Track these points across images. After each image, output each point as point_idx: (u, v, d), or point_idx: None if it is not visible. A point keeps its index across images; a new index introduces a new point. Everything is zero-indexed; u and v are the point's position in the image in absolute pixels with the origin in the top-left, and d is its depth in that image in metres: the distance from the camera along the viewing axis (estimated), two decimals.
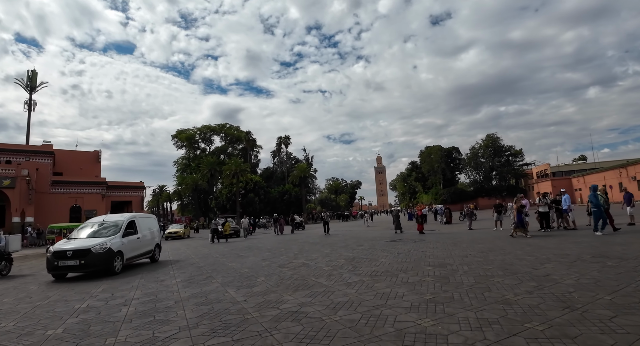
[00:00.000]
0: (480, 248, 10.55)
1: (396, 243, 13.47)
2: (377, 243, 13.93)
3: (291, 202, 70.90)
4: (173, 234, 29.85)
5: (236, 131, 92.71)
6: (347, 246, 13.56)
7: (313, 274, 7.73)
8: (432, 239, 14.57)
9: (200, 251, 16.24)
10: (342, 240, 16.74)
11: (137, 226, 11.78)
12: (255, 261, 10.72)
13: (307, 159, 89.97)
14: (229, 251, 14.76)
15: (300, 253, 12.21)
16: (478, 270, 7.06)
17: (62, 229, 23.89)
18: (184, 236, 30.72)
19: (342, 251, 11.66)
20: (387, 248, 11.77)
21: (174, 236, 29.60)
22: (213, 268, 10.12)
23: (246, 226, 25.38)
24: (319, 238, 19.89)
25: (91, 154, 45.02)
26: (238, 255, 12.91)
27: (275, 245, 16.44)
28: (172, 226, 34.72)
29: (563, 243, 10.64)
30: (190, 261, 12.47)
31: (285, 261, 10.16)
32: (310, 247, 14.18)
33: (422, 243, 12.91)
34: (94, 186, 37.75)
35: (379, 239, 15.78)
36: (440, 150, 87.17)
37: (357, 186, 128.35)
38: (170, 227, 33.89)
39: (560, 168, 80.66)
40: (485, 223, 22.48)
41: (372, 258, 9.52)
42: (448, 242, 12.86)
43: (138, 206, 43.51)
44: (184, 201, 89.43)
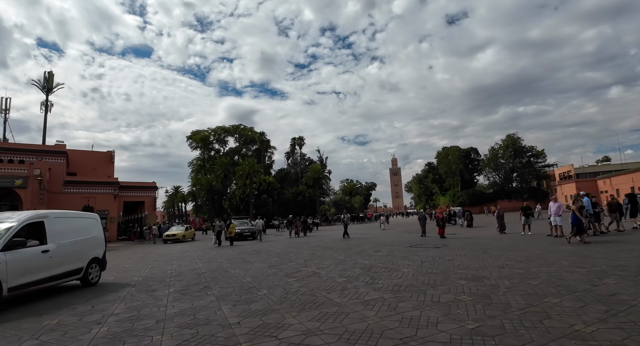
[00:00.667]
0: (515, 256, 9.23)
1: (417, 249, 12.22)
2: (396, 249, 12.71)
3: (305, 203, 69.91)
4: (171, 237, 27.48)
5: (250, 132, 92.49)
6: (363, 251, 12.38)
7: (324, 287, 6.60)
8: (456, 244, 13.25)
9: (206, 254, 15.30)
10: (357, 245, 15.55)
11: (47, 233, 7.59)
12: (261, 269, 9.66)
13: (321, 160, 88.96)
14: (236, 256, 13.76)
15: (312, 259, 11.09)
16: (524, 286, 5.81)
17: None
18: (184, 239, 28.23)
19: (358, 258, 10.49)
20: (408, 255, 10.55)
21: (173, 239, 27.28)
22: (213, 275, 9.10)
23: (260, 228, 23.77)
24: (332, 241, 18.75)
25: (105, 155, 44.94)
26: (244, 260, 11.88)
27: (286, 249, 15.38)
28: (172, 228, 32.44)
29: (610, 250, 9.24)
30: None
31: (294, 269, 9.06)
32: (322, 252, 13.05)
33: (446, 249, 11.63)
34: (106, 186, 37.48)
35: (397, 244, 14.55)
36: (458, 151, 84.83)
37: (372, 187, 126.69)
38: (170, 229, 31.46)
39: (585, 170, 77.34)
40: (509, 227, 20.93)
41: (393, 268, 8.32)
42: (476, 249, 11.54)
43: (151, 207, 43.19)
44: (198, 202, 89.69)
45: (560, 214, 14.32)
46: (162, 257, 15.58)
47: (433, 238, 17.19)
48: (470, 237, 16.98)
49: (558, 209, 14.51)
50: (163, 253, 18.09)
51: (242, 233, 24.23)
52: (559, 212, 14.40)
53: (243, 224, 26.41)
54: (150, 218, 42.58)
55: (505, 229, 18.54)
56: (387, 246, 13.77)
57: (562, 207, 14.55)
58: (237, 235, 23.88)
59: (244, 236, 24.42)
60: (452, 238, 16.58)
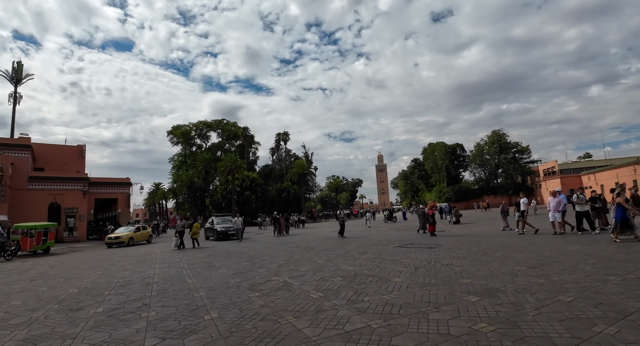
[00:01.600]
0: (524, 259, 7.85)
1: (408, 250, 10.78)
2: (385, 249, 11.25)
3: (290, 200, 68.22)
4: (114, 241, 22.87)
5: (233, 127, 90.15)
6: (347, 253, 10.88)
7: (293, 307, 5.03)
8: (450, 244, 11.88)
9: (171, 258, 13.56)
10: (341, 245, 14.05)
11: None
12: (224, 277, 8.03)
13: (307, 156, 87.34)
14: (203, 259, 12.07)
15: (287, 263, 9.52)
16: (555, 306, 4.37)
17: (29, 229, 21.21)
18: (132, 242, 23.57)
19: (340, 262, 8.96)
20: (399, 258, 9.08)
21: (116, 242, 22.81)
22: (163, 287, 7.43)
23: (240, 226, 20.94)
24: (315, 241, 17.21)
25: (75, 149, 42.30)
26: (209, 266, 10.22)
27: (262, 251, 13.76)
28: (119, 228, 27.08)
29: (630, 250, 7.93)
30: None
31: (262, 279, 7.47)
32: (301, 255, 11.49)
33: (441, 250, 10.22)
34: (75, 182, 35.03)
35: (385, 244, 13.10)
36: (444, 147, 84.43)
37: (358, 184, 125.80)
38: (117, 230, 26.60)
39: (568, 165, 77.78)
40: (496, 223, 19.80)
41: (382, 276, 6.81)
42: (474, 249, 10.16)
43: (124, 204, 40.85)
44: (179, 199, 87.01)
45: (560, 209, 13.19)
46: (122, 261, 13.78)
47: (423, 236, 15.85)
48: (463, 235, 15.69)
49: (558, 205, 13.38)
50: (127, 255, 16.25)
51: (227, 231, 22.16)
52: (558, 207, 13.28)
53: (226, 222, 24.10)
54: (123, 216, 40.28)
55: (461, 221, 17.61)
56: (375, 246, 12.30)
57: (562, 202, 13.40)
58: (222, 234, 21.96)
59: (229, 235, 22.13)
60: (443, 236, 15.26)
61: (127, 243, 23.25)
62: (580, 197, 12.92)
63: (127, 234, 24.10)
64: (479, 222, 25.54)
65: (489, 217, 31.04)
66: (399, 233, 19.69)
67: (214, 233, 22.69)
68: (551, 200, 13.69)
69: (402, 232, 20.14)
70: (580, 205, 12.85)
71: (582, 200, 12.85)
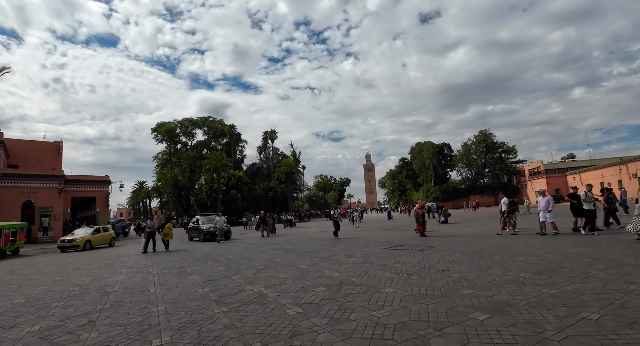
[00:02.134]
0: (526, 264, 7.11)
1: (399, 252, 9.99)
2: (373, 252, 10.43)
3: (276, 199, 67.13)
4: (68, 244, 20.20)
5: (220, 124, 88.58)
6: (333, 256, 10.03)
7: (263, 329, 4.13)
8: (442, 245, 11.15)
9: (141, 262, 12.51)
10: (327, 246, 13.20)
11: None
12: (192, 286, 7.08)
13: (295, 154, 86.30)
14: (176, 264, 11.07)
15: (266, 269, 8.61)
16: (582, 326, 3.58)
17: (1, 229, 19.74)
18: (88, 246, 20.96)
19: (325, 268, 8.10)
20: (389, 262, 8.26)
21: (70, 246, 20.09)
22: (120, 298, 6.46)
23: (222, 227, 19.39)
24: (299, 242, 16.34)
25: (51, 145, 40.45)
26: (180, 271, 9.23)
27: (241, 253, 12.81)
28: (76, 230, 23.91)
29: (638, 254, 7.28)
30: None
31: (234, 288, 6.54)
32: (283, 258, 10.60)
33: (434, 253, 9.45)
34: (50, 180, 33.37)
35: (373, 245, 12.30)
36: (432, 146, 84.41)
37: (346, 183, 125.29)
38: (72, 232, 23.67)
39: (553, 165, 78.60)
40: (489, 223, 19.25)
41: (370, 285, 5.96)
42: (469, 251, 9.42)
43: (103, 203, 39.24)
44: (163, 198, 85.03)
45: (551, 209, 12.63)
46: (90, 264, 12.67)
47: (413, 237, 15.12)
48: (454, 235, 15.02)
49: (548, 204, 12.83)
50: (98, 257, 15.11)
51: (214, 231, 20.41)
52: (548, 207, 12.72)
53: (212, 221, 22.23)
54: (102, 215, 38.68)
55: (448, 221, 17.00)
56: (362, 248, 11.48)
57: (552, 202, 12.85)
58: (208, 235, 20.26)
59: (218, 235, 20.15)
60: (434, 237, 14.57)
61: (82, 246, 20.52)
62: (589, 195, 12.40)
63: (82, 237, 21.27)
64: (467, 222, 25.04)
65: (477, 217, 30.65)
66: (388, 233, 18.97)
67: (200, 234, 20.97)
68: (541, 200, 13.16)
69: (391, 232, 19.42)
70: (588, 203, 12.32)
71: (590, 198, 12.33)
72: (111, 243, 24.12)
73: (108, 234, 24.28)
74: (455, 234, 15.46)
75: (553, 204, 12.94)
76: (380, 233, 18.81)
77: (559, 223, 13.37)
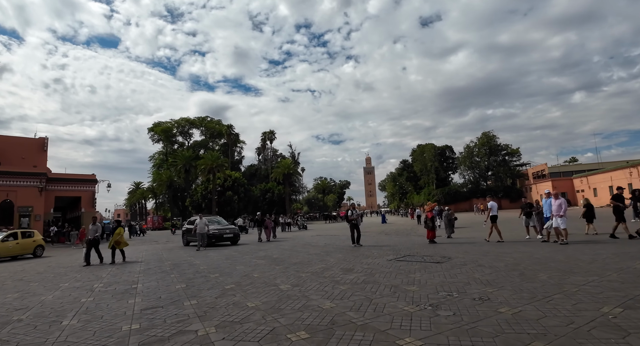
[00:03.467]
0: (589, 286, 5.05)
1: (409, 265, 7.91)
2: (377, 264, 8.36)
3: (274, 201, 65.06)
4: None
5: (217, 124, 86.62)
6: (326, 271, 7.96)
7: None
8: (461, 256, 9.08)
9: (88, 274, 10.44)
10: (321, 256, 11.12)
11: None
12: (121, 317, 4.99)
13: (293, 156, 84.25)
14: (133, 276, 9.00)
15: (237, 287, 6.54)
16: None
17: None
18: None
19: (313, 290, 5.99)
20: (400, 283, 6.17)
21: None
22: (17, 331, 4.39)
23: (203, 231, 16.10)
24: (290, 249, 14.28)
25: (36, 142, 38.35)
26: (126, 290, 7.11)
27: (217, 263, 10.73)
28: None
29: None
30: None
31: (173, 326, 4.47)
32: (264, 270, 8.53)
33: (454, 266, 7.39)
34: (30, 177, 31.27)
35: (376, 255, 10.22)
36: (434, 148, 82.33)
37: (346, 186, 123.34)
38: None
39: (558, 169, 76.54)
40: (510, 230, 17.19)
41: (378, 327, 3.86)
42: (498, 265, 7.35)
43: (88, 204, 37.10)
44: (159, 199, 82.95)
45: (563, 214, 10.66)
46: (40, 274, 10.62)
47: (420, 244, 13.05)
48: (468, 242, 12.97)
49: (560, 208, 10.88)
50: (56, 265, 13.05)
51: (222, 234, 17.76)
52: (560, 211, 10.75)
53: (212, 223, 18.84)
54: (88, 216, 36.47)
55: None
56: (364, 259, 9.41)
57: (564, 205, 10.87)
58: (215, 238, 17.34)
59: (225, 238, 17.88)
60: (445, 244, 12.53)
61: None
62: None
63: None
64: (475, 226, 23.00)
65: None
66: (390, 238, 16.92)
67: (201, 238, 16.97)
68: (552, 203, 11.15)
69: (394, 237, 17.38)
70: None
71: None
72: (36, 252, 18.55)
73: (30, 242, 18.52)
74: (469, 241, 13.42)
75: (566, 207, 10.97)
76: (382, 239, 16.74)
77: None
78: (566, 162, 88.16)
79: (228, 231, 18.14)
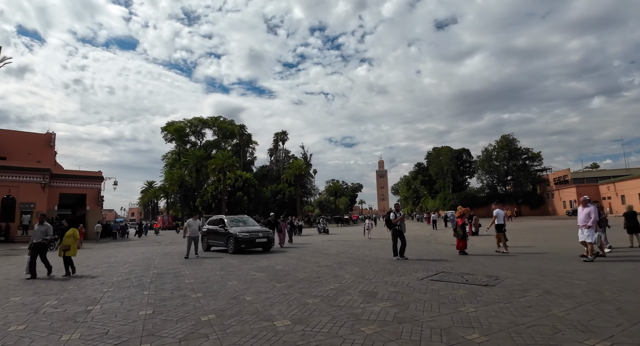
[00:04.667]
0: None
1: (451, 289, 5.98)
2: (405, 285, 6.48)
3: (284, 203, 63.39)
4: None
5: (230, 124, 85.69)
6: (340, 293, 6.11)
7: None
8: (509, 274, 7.11)
9: (36, 289, 8.78)
10: (333, 269, 9.25)
11: None
12: None
13: (305, 157, 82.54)
14: (90, 296, 7.31)
15: (214, 324, 4.71)
16: None
17: None
18: None
19: (323, 335, 4.16)
20: (449, 324, 4.26)
21: None
22: None
23: (195, 235, 13.34)
24: (298, 257, 12.48)
25: (42, 137, 37.52)
26: (66, 321, 5.39)
27: (207, 277, 8.93)
28: None
29: None
30: None
31: None
32: (258, 293, 6.70)
33: (511, 293, 5.44)
34: (33, 173, 30.22)
35: (401, 271, 8.30)
36: (450, 151, 79.56)
37: (358, 189, 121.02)
38: None
39: (582, 174, 72.89)
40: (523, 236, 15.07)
41: None
42: (575, 292, 5.38)
43: (94, 201, 35.99)
44: (170, 198, 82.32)
45: (591, 225, 8.78)
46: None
47: (447, 254, 11.08)
48: (505, 254, 10.93)
49: (587, 218, 8.96)
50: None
51: (254, 239, 14.30)
52: (588, 221, 8.86)
53: (239, 224, 15.50)
54: (93, 214, 35.39)
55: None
56: (387, 277, 7.51)
57: (594, 214, 8.84)
58: (245, 243, 14.05)
59: (257, 243, 14.45)
60: (479, 255, 10.56)
61: None
62: None
63: None
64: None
65: (514, 228, 26.21)
66: (410, 245, 14.92)
67: (231, 242, 14.33)
68: (580, 211, 9.27)
69: (413, 245, 15.42)
70: None
71: None
72: None
73: None
74: (505, 253, 11.36)
75: (596, 217, 8.91)
76: None
77: None
78: (588, 168, 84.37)
79: (261, 235, 14.59)
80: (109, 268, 10.72)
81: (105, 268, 10.74)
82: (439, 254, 11.83)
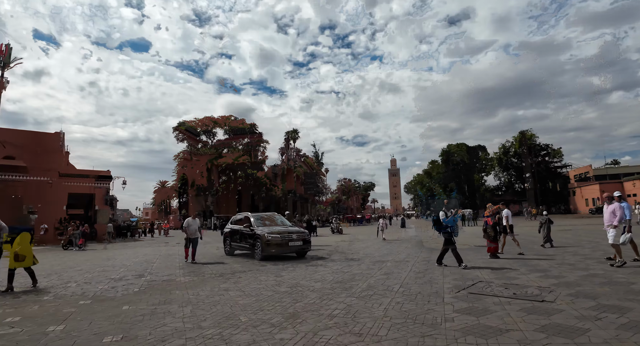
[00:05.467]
0: None
1: (501, 311, 4.72)
2: (439, 304, 5.24)
3: (296, 202, 62.41)
4: None
5: (241, 124, 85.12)
6: (355, 321, 4.92)
7: None
8: (563, 290, 5.81)
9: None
10: (344, 282, 8.04)
11: None
12: None
13: (317, 155, 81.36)
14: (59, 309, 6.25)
15: None
16: None
17: None
18: None
19: None
20: None
21: None
22: None
23: (194, 236, 11.81)
24: (307, 261, 11.30)
25: (51, 137, 37.00)
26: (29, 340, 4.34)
27: (203, 298, 7.88)
28: None
29: None
30: None
31: None
32: (253, 318, 5.58)
33: (583, 314, 4.15)
34: (39, 173, 29.82)
35: (428, 281, 7.05)
36: (466, 148, 77.41)
37: (371, 187, 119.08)
38: None
39: (604, 171, 69.99)
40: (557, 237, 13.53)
41: None
42: None
43: (102, 201, 35.48)
44: (182, 198, 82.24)
45: (616, 224, 7.61)
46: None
47: (479, 259, 9.73)
48: (541, 255, 9.53)
49: (612, 217, 7.80)
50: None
51: (287, 241, 11.57)
52: (613, 220, 7.70)
53: (268, 224, 12.88)
54: (101, 214, 34.89)
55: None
56: (412, 288, 6.28)
57: (619, 212, 7.49)
58: (276, 247, 11.40)
59: (291, 247, 11.73)
60: (514, 259, 9.18)
61: None
62: None
63: None
64: (522, 235, 19.15)
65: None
66: (430, 251, 13.58)
67: (258, 245, 11.77)
68: (606, 209, 8.07)
69: (433, 247, 14.03)
70: None
71: None
72: None
73: None
74: (542, 255, 9.96)
75: (622, 216, 7.52)
76: (419, 252, 13.44)
77: None
78: (609, 165, 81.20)
79: (295, 237, 11.83)
80: (101, 273, 9.70)
81: (97, 273, 9.73)
82: (466, 257, 10.50)
